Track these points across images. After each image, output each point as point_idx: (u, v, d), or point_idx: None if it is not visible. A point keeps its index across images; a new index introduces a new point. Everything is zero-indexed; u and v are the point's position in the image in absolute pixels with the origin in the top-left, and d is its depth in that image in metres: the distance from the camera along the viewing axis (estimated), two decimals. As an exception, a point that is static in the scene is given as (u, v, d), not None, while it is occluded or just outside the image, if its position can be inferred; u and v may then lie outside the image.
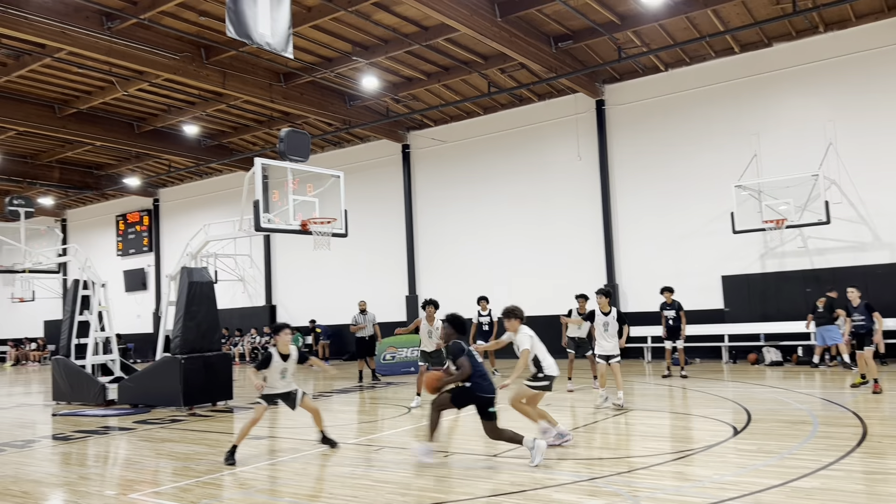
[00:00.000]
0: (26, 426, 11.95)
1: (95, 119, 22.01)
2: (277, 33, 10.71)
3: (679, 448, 7.79)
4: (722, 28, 16.57)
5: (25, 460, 8.72)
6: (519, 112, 21.50)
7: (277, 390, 8.16)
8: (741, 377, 14.23)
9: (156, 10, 14.65)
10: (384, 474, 7.03)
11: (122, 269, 31.83)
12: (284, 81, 19.39)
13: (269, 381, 8.09)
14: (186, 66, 17.12)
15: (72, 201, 32.98)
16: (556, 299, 20.23)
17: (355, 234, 15.72)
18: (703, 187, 18.36)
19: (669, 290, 14.97)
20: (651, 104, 19.36)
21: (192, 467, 7.75)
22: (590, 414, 10.22)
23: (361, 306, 17.35)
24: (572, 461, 7.17)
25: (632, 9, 16.06)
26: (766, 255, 17.80)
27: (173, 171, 27.91)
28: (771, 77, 17.70)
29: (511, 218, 21.48)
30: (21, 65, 17.50)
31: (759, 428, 8.52)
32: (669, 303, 14.83)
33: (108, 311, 15.57)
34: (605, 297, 10.82)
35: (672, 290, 14.99)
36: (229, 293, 27.19)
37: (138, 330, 30.09)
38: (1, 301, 36.76)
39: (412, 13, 15.77)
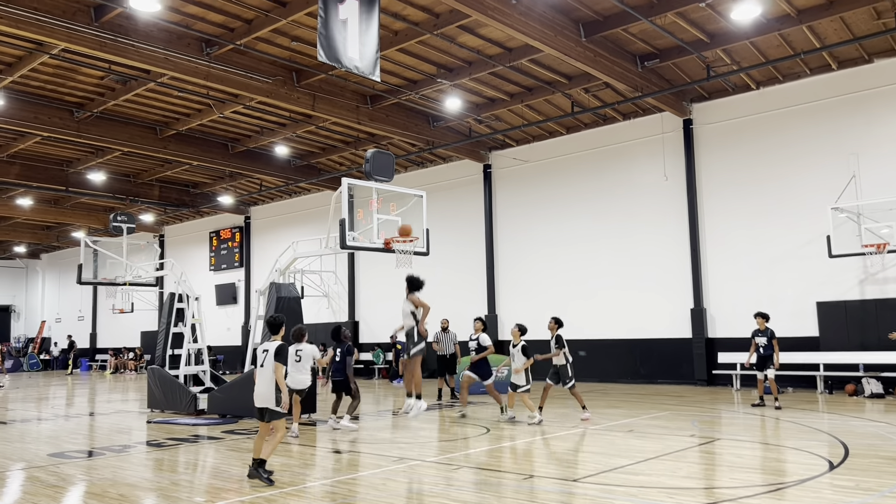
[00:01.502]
0: (123, 432, 12.56)
1: (193, 140, 23.12)
2: (365, 57, 11.03)
3: (769, 481, 7.46)
4: (818, 44, 15.97)
5: (122, 464, 9.16)
6: (603, 131, 21.28)
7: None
8: (838, 409, 13.51)
9: (251, 36, 15.33)
10: (461, 493, 7.04)
11: (214, 284, 33.12)
12: (371, 103, 19.88)
13: None
14: (278, 90, 17.80)
15: (169, 218, 34.65)
16: (641, 321, 19.85)
17: (436, 252, 15.88)
18: (796, 209, 17.64)
19: (763, 315, 14.01)
20: (741, 123, 18.80)
21: (276, 478, 7.96)
22: (676, 441, 9.93)
23: (443, 324, 17.43)
24: (656, 489, 6.98)
25: (721, 27, 15.70)
26: (866, 281, 16.90)
27: (264, 189, 28.95)
28: (871, 95, 16.90)
29: (594, 238, 21.20)
30: (128, 89, 18.61)
31: (858, 463, 8.07)
32: (762, 329, 13.91)
33: (201, 324, 16.22)
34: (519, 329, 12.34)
35: (766, 317, 14.04)
36: (314, 308, 27.87)
37: (228, 342, 31.22)
38: (103, 312, 39.00)
39: (496, 35, 15.91)
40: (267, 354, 7.95)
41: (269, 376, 7.85)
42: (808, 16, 14.98)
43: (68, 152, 24.36)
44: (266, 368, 7.91)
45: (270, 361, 7.89)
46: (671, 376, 19.23)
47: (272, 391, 7.82)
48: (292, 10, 14.35)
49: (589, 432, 11.06)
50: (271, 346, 7.98)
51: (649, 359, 19.65)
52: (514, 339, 12.19)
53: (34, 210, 30.70)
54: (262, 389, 7.88)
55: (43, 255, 44.41)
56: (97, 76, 17.92)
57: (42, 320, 43.56)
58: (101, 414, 15.65)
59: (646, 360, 19.64)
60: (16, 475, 8.73)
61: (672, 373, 19.25)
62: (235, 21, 15.15)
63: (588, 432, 11.06)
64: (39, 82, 18.23)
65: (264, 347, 8.04)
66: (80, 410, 16.81)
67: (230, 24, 15.26)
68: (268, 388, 7.84)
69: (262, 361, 7.96)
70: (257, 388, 7.93)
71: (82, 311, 41.22)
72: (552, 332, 12.79)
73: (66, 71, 17.57)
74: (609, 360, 20.33)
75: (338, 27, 10.67)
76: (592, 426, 11.60)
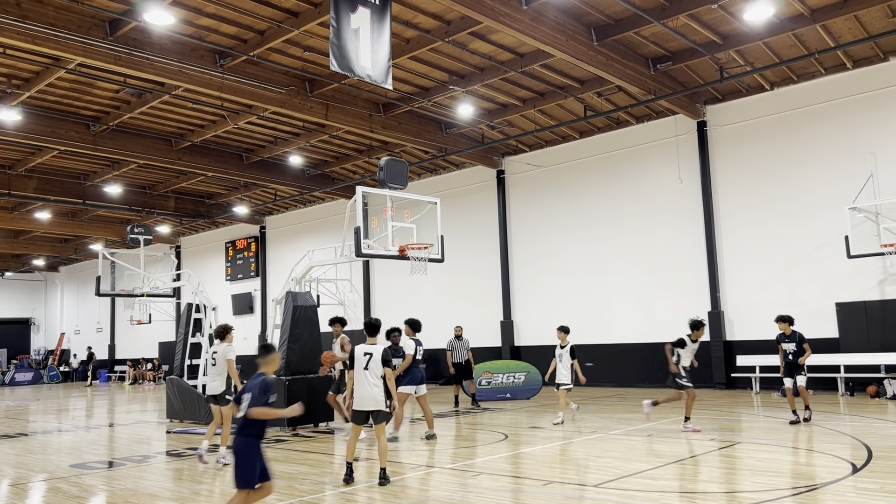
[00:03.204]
0: (143, 442, 12.64)
1: (208, 151, 23.29)
2: (378, 66, 11.08)
3: (792, 484, 7.38)
4: (832, 44, 15.85)
5: (143, 474, 9.22)
6: (616, 135, 21.22)
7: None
8: (859, 411, 13.35)
9: (264, 47, 15.44)
10: (480, 500, 7.01)
11: (231, 294, 33.28)
12: (383, 112, 19.95)
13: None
14: (292, 100, 17.90)
15: (185, 229, 34.89)
16: (658, 325, 19.72)
17: (451, 259, 15.88)
18: (813, 210, 17.49)
19: (786, 319, 12.20)
20: (756, 124, 18.69)
21: (295, 486, 7.97)
22: (697, 445, 9.85)
23: (457, 332, 17.43)
24: (677, 494, 6.93)
25: (734, 28, 15.62)
26: (886, 281, 16.71)
27: (279, 199, 29.10)
28: (888, 93, 16.73)
29: (609, 242, 21.12)
30: (143, 102, 18.79)
31: (882, 466, 7.96)
32: (788, 334, 12.16)
33: (218, 334, 16.28)
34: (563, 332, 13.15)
35: (790, 320, 12.22)
36: (330, 316, 27.88)
37: (245, 352, 31.23)
38: (121, 323, 39.28)
39: (508, 41, 15.93)
40: (371, 357, 7.96)
41: (377, 379, 7.91)
42: (822, 15, 14.88)
43: (85, 165, 24.61)
44: (373, 371, 7.93)
45: (377, 363, 7.93)
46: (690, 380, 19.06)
47: (382, 394, 7.92)
48: (304, 21, 14.44)
49: (608, 437, 11.00)
50: (374, 349, 8.03)
51: (667, 363, 19.45)
52: (562, 342, 13.07)
53: (52, 223, 31.02)
54: (371, 392, 7.89)
55: (61, 268, 44.85)
56: (112, 90, 18.11)
57: (61, 332, 43.95)
58: (121, 425, 15.76)
59: (663, 365, 19.43)
60: (38, 486, 8.80)
61: (690, 377, 19.07)
62: (248, 32, 15.27)
63: (607, 437, 11.00)
64: (56, 97, 18.44)
65: (365, 350, 8.04)
66: (101, 421, 16.93)
67: (243, 35, 15.38)
68: (378, 390, 7.90)
69: (365, 364, 7.93)
70: (366, 391, 7.90)
71: (101, 323, 41.56)
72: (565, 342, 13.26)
73: (82, 85, 17.76)
74: (626, 364, 20.20)
75: (350, 36, 10.73)
76: (612, 431, 11.53)
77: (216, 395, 9.78)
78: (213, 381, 9.84)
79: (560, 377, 12.95)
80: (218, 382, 9.76)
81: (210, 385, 9.89)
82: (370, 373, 7.91)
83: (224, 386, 9.75)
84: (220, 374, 9.77)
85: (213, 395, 9.83)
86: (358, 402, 7.96)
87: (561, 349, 13.06)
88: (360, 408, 7.96)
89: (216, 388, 9.77)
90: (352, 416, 8.18)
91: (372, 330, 8.21)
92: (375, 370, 7.93)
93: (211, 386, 9.85)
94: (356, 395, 7.97)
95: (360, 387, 7.92)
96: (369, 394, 7.88)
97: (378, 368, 7.93)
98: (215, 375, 9.81)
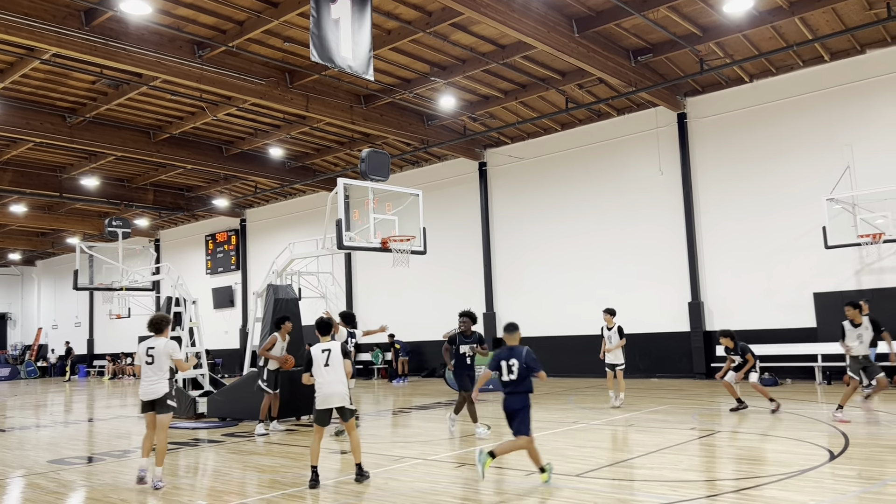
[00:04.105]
0: (122, 437, 12.52)
1: (187, 143, 23.06)
2: (359, 57, 11.00)
3: (771, 472, 7.46)
4: (810, 36, 15.99)
5: (123, 469, 9.13)
6: (597, 127, 21.29)
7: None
8: (836, 399, 13.50)
9: (243, 37, 15.29)
10: (465, 491, 7.03)
11: (211, 287, 33.06)
12: (365, 103, 19.84)
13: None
14: (272, 91, 17.75)
15: (164, 222, 34.56)
16: (639, 315, 19.86)
17: (433, 251, 15.87)
18: (792, 201, 17.67)
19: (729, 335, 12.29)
20: (736, 116, 18.83)
21: (278, 480, 7.94)
22: (677, 434, 9.94)
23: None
24: (657, 483, 6.98)
25: (714, 20, 15.70)
26: (862, 272, 16.94)
27: (259, 192, 28.89)
28: (865, 85, 16.92)
29: (590, 233, 21.21)
30: (120, 94, 18.54)
31: (858, 453, 8.08)
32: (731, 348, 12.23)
33: (199, 328, 16.18)
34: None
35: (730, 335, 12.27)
36: (312, 310, 27.77)
37: (226, 346, 31.15)
38: (100, 317, 38.89)
39: (489, 32, 15.89)
40: (330, 354, 7.66)
41: (341, 375, 7.65)
42: (800, 7, 15.01)
43: (61, 158, 24.28)
44: (335, 367, 7.64)
45: (338, 359, 7.67)
46: (670, 370, 19.26)
47: (346, 389, 7.73)
48: (284, 11, 14.31)
49: (590, 427, 11.07)
50: (331, 345, 7.75)
51: (648, 353, 19.65)
52: (608, 323, 13.60)
53: (28, 217, 30.59)
54: (338, 388, 7.63)
55: (38, 262, 44.26)
56: (89, 80, 17.85)
57: (39, 327, 43.43)
58: (101, 420, 15.61)
59: (644, 355, 19.63)
60: (16, 482, 8.69)
61: (671, 367, 19.28)
62: (227, 23, 15.11)
63: (589, 427, 11.06)
64: (31, 88, 18.15)
65: (322, 347, 7.72)
66: (79, 416, 16.76)
67: (222, 25, 15.22)
68: (343, 386, 7.67)
69: (325, 361, 7.63)
70: (330, 388, 7.59)
71: (79, 318, 41.11)
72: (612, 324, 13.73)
73: (58, 76, 17.49)
74: (608, 355, 20.31)
75: (330, 27, 10.65)
76: (594, 421, 11.60)
77: (155, 400, 7.98)
78: (153, 384, 7.98)
79: (612, 358, 13.49)
80: (159, 385, 7.99)
81: (148, 389, 7.99)
82: (331, 369, 7.61)
83: (168, 388, 8.09)
84: (161, 376, 8.01)
85: (152, 401, 8.00)
86: (322, 401, 7.61)
87: (608, 331, 13.56)
88: (324, 406, 7.62)
89: (156, 392, 7.97)
90: (315, 416, 7.73)
91: (324, 329, 7.89)
92: (336, 366, 7.65)
93: (149, 389, 7.98)
94: (319, 394, 7.61)
95: (323, 385, 7.60)
96: (334, 391, 7.59)
97: (339, 363, 7.66)
98: (153, 377, 8.00)
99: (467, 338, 10.71)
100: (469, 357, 10.60)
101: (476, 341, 10.71)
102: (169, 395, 8.04)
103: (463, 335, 10.73)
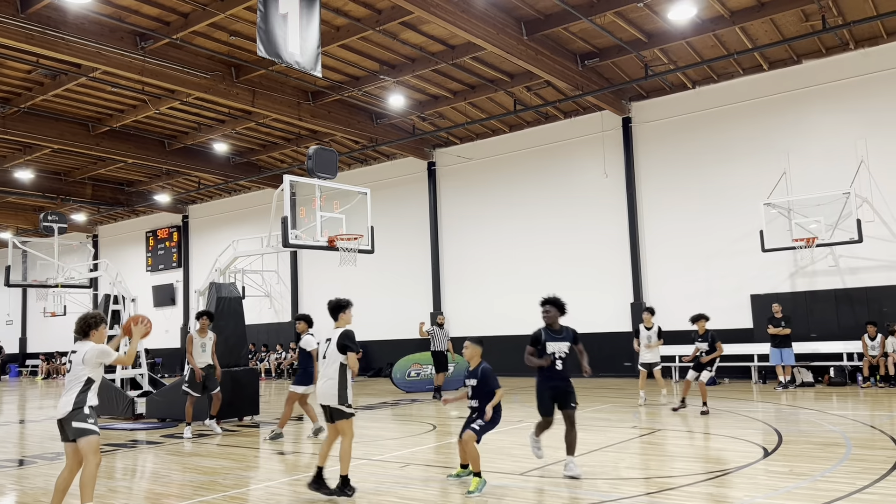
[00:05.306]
0: (56, 439, 12.02)
1: (128, 137, 22.43)
2: (306, 52, 10.87)
3: (709, 469, 7.66)
4: (750, 45, 16.47)
5: (55, 472, 8.79)
6: (545, 129, 21.53)
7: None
8: (771, 398, 13.98)
9: (188, 30, 14.95)
10: (408, 490, 7.01)
11: (152, 285, 32.26)
12: (312, 100, 19.63)
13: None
14: (217, 85, 17.41)
15: (103, 217, 33.56)
16: (583, 315, 20.12)
17: (381, 250, 15.80)
18: (731, 205, 18.18)
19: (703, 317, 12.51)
20: (678, 122, 19.28)
21: (218, 482, 7.79)
22: (618, 433, 10.11)
23: (439, 320, 17.04)
24: (600, 480, 7.09)
25: (659, 27, 16.04)
26: (797, 275, 17.54)
27: (203, 187, 28.31)
28: (801, 94, 17.53)
29: (537, 235, 21.43)
30: (57, 84, 17.92)
31: (791, 450, 8.36)
32: (702, 333, 12.42)
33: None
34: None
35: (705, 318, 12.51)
36: (256, 309, 27.40)
37: (166, 345, 30.40)
38: (33, 315, 37.50)
39: (439, 32, 15.91)
40: (329, 344, 6.86)
41: (333, 370, 6.76)
42: (741, 17, 15.45)
43: (-6, 149, 23.36)
44: (328, 360, 6.81)
45: (334, 352, 6.80)
46: (612, 369, 19.57)
47: (335, 387, 6.74)
48: (230, 4, 14.05)
49: (533, 426, 11.15)
50: (335, 333, 6.88)
51: (591, 353, 19.60)
52: (647, 322, 13.51)
53: (-43, 210, 29.37)
54: (324, 385, 6.78)
55: (-33, 257, 42.48)
56: (24, 70, 17.21)
57: (-33, 325, 41.66)
58: (33, 421, 15.06)
59: (588, 354, 19.87)
60: (-60, 487, 8.31)
61: (613, 366, 19.59)
62: (171, 14, 14.76)
63: (532, 426, 11.15)
64: (-39, 76, 17.42)
65: (328, 336, 6.94)
66: (10, 418, 16.12)
67: (166, 17, 14.86)
68: (331, 382, 6.74)
69: (324, 352, 6.86)
70: (320, 384, 6.81)
71: (11, 315, 39.60)
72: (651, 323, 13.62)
73: (-9, 64, 16.83)
74: (552, 355, 20.54)
75: (278, 22, 10.49)
76: (538, 419, 11.68)
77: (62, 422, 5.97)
78: (62, 397, 6.02)
79: (651, 357, 13.45)
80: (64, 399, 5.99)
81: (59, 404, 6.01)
82: (325, 362, 6.81)
83: (76, 403, 5.92)
84: (71, 387, 6.00)
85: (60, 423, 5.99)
86: (318, 396, 6.98)
87: (647, 330, 13.44)
88: (319, 402, 6.91)
89: (61, 410, 5.95)
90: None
91: (332, 313, 7.00)
92: (330, 360, 6.80)
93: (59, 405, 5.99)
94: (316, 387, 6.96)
95: (319, 380, 6.91)
96: (321, 387, 6.81)
97: (335, 356, 6.78)
98: (65, 389, 6.04)
99: (556, 333, 7.82)
100: (561, 360, 7.68)
101: (570, 339, 7.88)
102: (77, 414, 5.89)
103: (550, 330, 7.85)
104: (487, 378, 7.13)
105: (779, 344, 15.65)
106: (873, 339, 15.42)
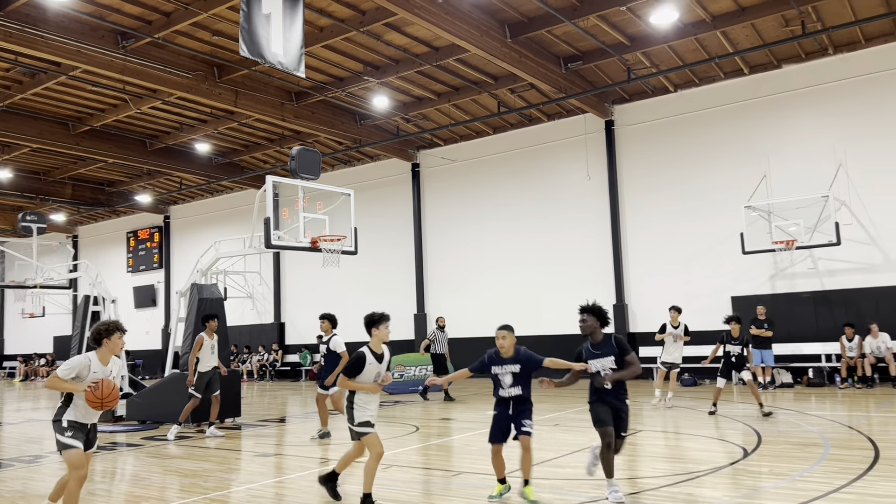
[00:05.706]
0: (34, 441, 11.96)
1: (108, 136, 22.23)
2: (290, 53, 10.84)
3: (688, 469, 7.72)
4: (731, 49, 16.63)
5: (33, 475, 8.73)
6: (528, 132, 21.60)
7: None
8: (751, 398, 14.08)
9: (170, 29, 14.85)
10: (390, 492, 7.01)
11: (132, 286, 31.96)
12: (296, 100, 19.56)
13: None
14: (199, 85, 17.30)
15: (83, 218, 33.22)
16: (565, 316, 20.21)
17: (364, 251, 15.77)
18: (712, 208, 18.34)
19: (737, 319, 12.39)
20: (660, 125, 19.42)
21: (199, 484, 7.74)
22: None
23: (440, 322, 16.84)
24: (579, 481, 7.12)
25: (641, 30, 16.15)
26: (776, 277, 17.72)
27: (184, 188, 28.11)
28: (780, 98, 17.73)
29: (520, 236, 21.50)
30: (36, 83, 17.73)
31: (770, 450, 8.44)
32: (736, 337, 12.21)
33: (118, 328, 15.59)
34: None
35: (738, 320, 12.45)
36: (238, 310, 27.25)
37: (147, 346, 30.15)
38: (11, 316, 37.07)
39: (423, 34, 15.92)
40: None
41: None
42: (722, 21, 15.60)
43: (-29, 148, 23.05)
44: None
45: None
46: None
47: (346, 404, 6.51)
48: (213, 4, 13.97)
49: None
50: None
51: (570, 354, 19.96)
52: (674, 321, 13.27)
53: (-66, 209, 28.97)
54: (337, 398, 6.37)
55: (-56, 258, 41.88)
56: (3, 68, 17.01)
57: (-57, 326, 41.07)
58: (10, 423, 14.87)
59: (570, 356, 19.97)
60: (-86, 491, 8.18)
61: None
62: (153, 13, 14.65)
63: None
64: (-61, 73, 17.19)
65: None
66: (-13, 420, 15.92)
67: (147, 16, 14.75)
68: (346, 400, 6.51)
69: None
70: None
71: (-12, 316, 39.10)
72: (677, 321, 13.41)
73: (-31, 62, 16.61)
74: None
75: (261, 21, 10.45)
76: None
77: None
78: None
79: (674, 357, 13.21)
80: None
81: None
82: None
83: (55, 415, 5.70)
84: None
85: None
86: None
87: (674, 329, 13.21)
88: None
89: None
90: None
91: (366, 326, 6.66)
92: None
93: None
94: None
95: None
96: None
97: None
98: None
99: (597, 347, 6.80)
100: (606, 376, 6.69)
101: (614, 352, 6.69)
102: (56, 426, 5.63)
103: (591, 344, 6.89)
104: (531, 357, 6.59)
105: (760, 345, 15.80)
106: (851, 340, 15.63)
